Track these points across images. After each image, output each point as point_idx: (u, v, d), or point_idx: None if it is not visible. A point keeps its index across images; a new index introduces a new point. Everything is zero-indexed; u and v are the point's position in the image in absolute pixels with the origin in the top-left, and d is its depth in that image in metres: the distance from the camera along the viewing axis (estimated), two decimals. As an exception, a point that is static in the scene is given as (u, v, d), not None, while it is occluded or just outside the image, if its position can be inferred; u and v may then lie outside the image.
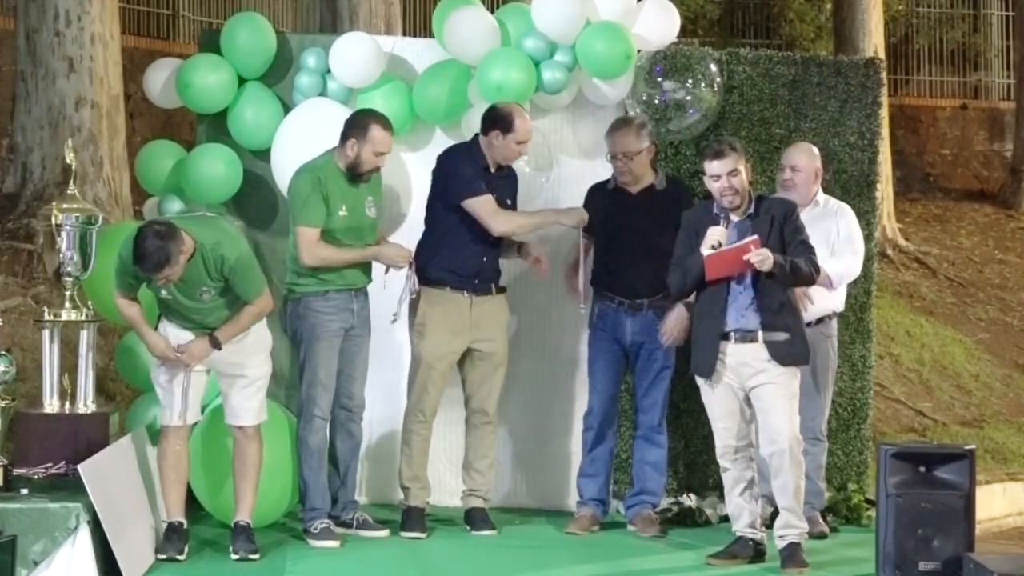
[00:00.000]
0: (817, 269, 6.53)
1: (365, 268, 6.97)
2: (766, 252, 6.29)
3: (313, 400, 6.84)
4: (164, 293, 6.25)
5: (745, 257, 6.30)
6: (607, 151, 7.21)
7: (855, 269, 7.27)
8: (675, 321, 7.03)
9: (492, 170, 7.06)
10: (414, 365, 7.10)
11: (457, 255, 7.02)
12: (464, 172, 6.99)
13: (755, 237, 6.33)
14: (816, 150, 7.31)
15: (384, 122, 6.88)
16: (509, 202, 7.15)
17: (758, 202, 6.55)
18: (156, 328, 6.44)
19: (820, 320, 7.14)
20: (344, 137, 6.84)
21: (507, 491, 7.71)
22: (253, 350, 6.49)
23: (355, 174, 6.84)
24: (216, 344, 6.31)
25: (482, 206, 6.95)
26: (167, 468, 6.46)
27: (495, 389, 7.19)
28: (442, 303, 7.03)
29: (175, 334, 6.38)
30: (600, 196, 7.26)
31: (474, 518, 7.12)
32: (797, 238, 6.49)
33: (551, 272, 7.30)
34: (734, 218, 6.48)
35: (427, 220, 7.15)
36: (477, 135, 7.11)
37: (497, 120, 7.00)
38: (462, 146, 7.18)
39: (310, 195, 6.74)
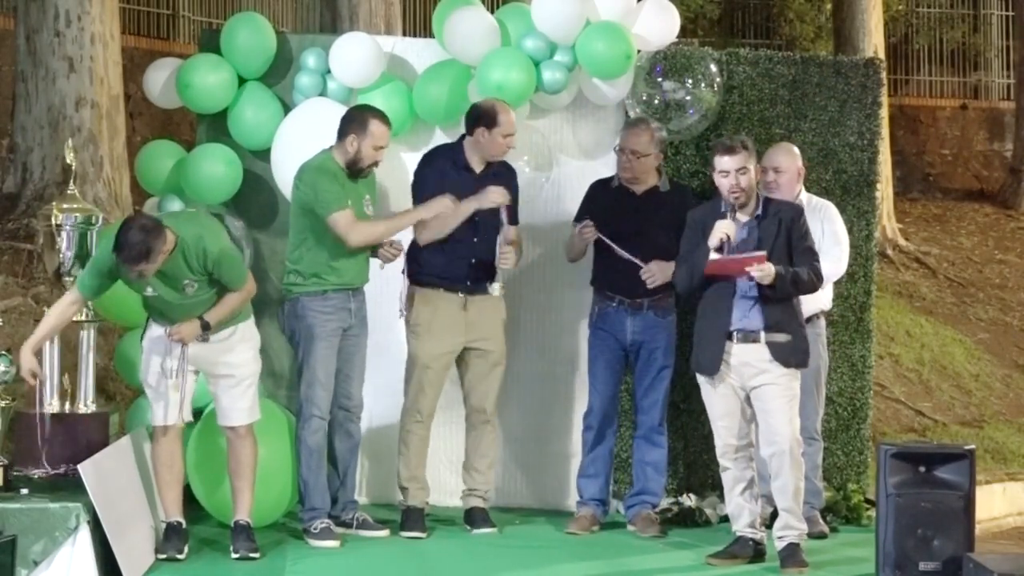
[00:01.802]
0: (820, 276, 6.54)
1: (363, 268, 6.97)
2: (769, 268, 6.30)
3: (312, 400, 6.84)
4: (150, 291, 6.24)
5: (747, 269, 6.32)
6: (617, 144, 7.22)
7: (841, 268, 7.28)
8: (660, 264, 7.02)
9: (478, 170, 7.06)
10: (410, 365, 7.10)
11: (447, 256, 7.01)
12: (418, 177, 7.06)
13: (762, 253, 6.33)
14: (796, 149, 7.31)
15: (382, 116, 6.89)
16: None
17: (765, 203, 6.56)
18: (145, 331, 6.46)
19: (808, 320, 7.11)
20: (343, 133, 6.84)
21: (507, 491, 7.71)
22: (239, 348, 6.48)
23: (355, 169, 6.84)
24: (206, 325, 6.29)
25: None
26: (162, 469, 6.45)
27: (493, 388, 7.19)
28: (436, 303, 7.03)
29: (162, 334, 6.35)
30: (603, 193, 7.26)
31: (474, 517, 7.13)
32: (803, 244, 6.50)
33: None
34: (742, 218, 6.48)
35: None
36: (463, 136, 7.12)
37: (481, 117, 7.01)
38: (439, 148, 7.23)
39: (327, 182, 6.74)
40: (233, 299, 6.37)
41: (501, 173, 7.15)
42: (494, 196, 6.94)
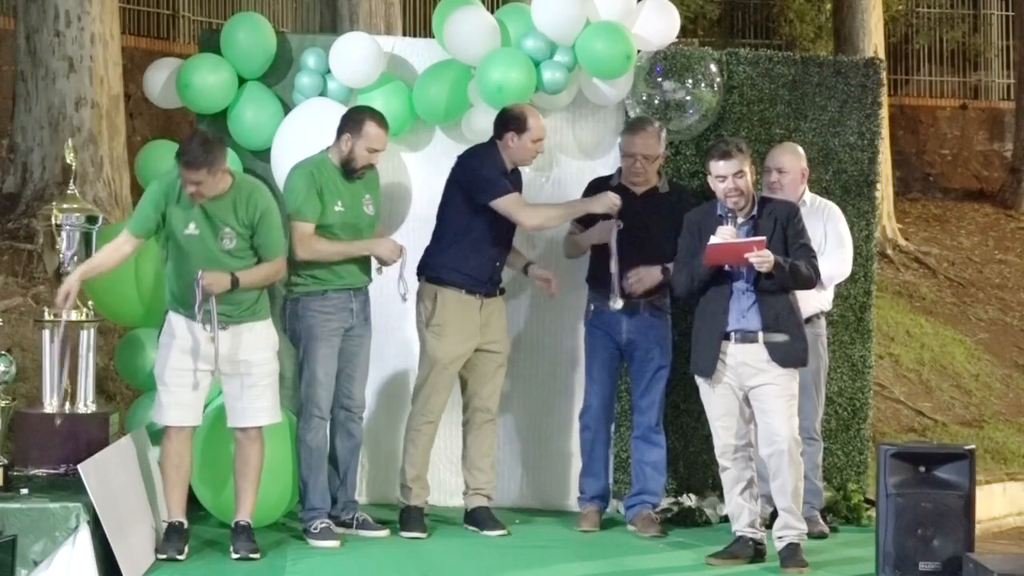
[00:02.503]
0: (817, 272, 6.53)
1: (364, 268, 6.97)
2: (768, 254, 6.29)
3: (312, 400, 6.84)
4: (192, 227, 6.26)
5: (746, 255, 6.31)
6: (621, 150, 7.21)
7: (844, 268, 7.26)
8: (647, 270, 7.02)
9: (507, 173, 7.08)
10: (427, 366, 7.07)
11: (473, 258, 7.01)
12: (490, 173, 6.98)
13: (762, 239, 6.33)
14: (800, 149, 7.30)
15: (379, 119, 6.88)
16: None
17: (761, 204, 6.56)
18: (164, 320, 6.44)
19: (808, 320, 7.09)
20: (339, 132, 6.85)
21: (507, 491, 7.70)
22: (255, 347, 6.46)
23: (348, 170, 6.84)
24: (235, 282, 6.30)
25: (511, 203, 6.95)
26: (169, 468, 6.44)
27: (498, 387, 7.21)
28: (458, 305, 7.02)
29: (183, 331, 6.36)
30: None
31: (482, 518, 7.10)
32: (799, 241, 6.50)
33: (547, 270, 7.30)
34: (738, 219, 6.47)
35: (443, 222, 7.12)
36: (493, 139, 7.10)
37: (510, 121, 7.00)
38: (483, 147, 7.14)
39: (304, 190, 6.75)
40: (265, 267, 6.44)
41: (517, 179, 7.17)
42: (610, 201, 6.97)
